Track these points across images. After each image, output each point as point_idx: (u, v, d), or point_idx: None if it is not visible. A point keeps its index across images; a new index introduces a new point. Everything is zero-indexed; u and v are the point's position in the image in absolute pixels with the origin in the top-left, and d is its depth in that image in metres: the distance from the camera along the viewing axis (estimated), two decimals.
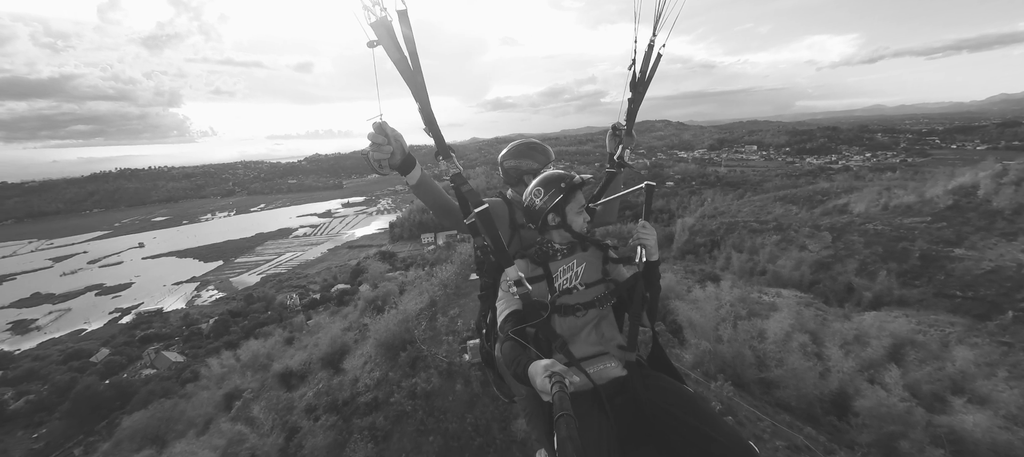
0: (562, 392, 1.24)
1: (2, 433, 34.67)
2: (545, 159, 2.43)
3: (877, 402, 8.81)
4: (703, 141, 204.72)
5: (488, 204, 2.04)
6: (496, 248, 1.96)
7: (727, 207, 57.62)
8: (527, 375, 1.47)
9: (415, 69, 1.69)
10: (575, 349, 1.86)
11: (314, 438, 6.30)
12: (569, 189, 1.98)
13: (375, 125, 1.69)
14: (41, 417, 35.48)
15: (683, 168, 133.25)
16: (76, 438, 29.99)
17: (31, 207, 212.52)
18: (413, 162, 1.84)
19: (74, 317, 69.06)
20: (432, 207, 2.09)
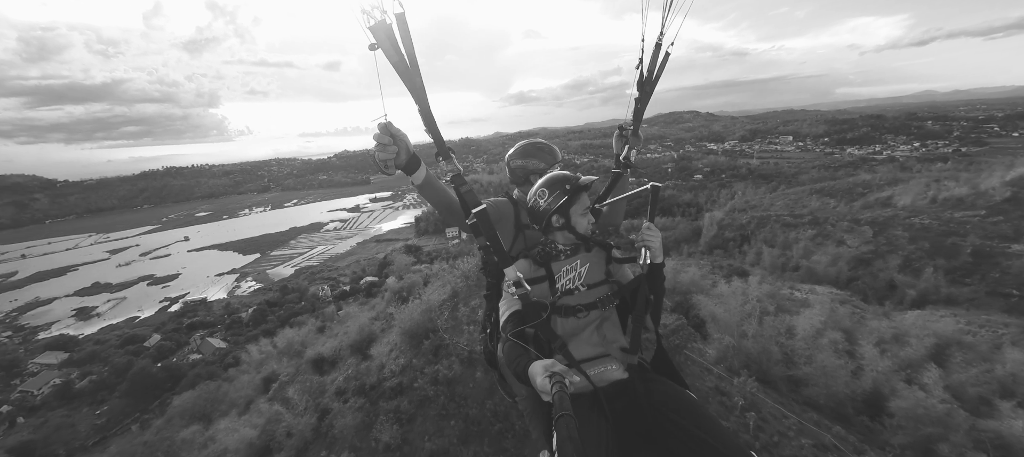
0: (562, 392, 1.23)
1: (70, 409, 38.16)
2: (552, 159, 2.42)
3: (914, 403, 8.44)
4: (734, 132, 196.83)
5: (486, 204, 2.04)
6: (495, 248, 1.95)
7: (759, 200, 55.43)
8: (527, 375, 1.46)
9: (413, 70, 1.72)
10: (576, 350, 1.85)
11: (343, 418, 6.70)
12: (574, 191, 1.97)
13: (380, 125, 1.72)
14: (103, 395, 38.83)
15: (712, 161, 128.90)
16: (133, 415, 32.58)
17: (89, 203, 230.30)
18: (418, 162, 1.85)
19: (129, 305, 74.70)
20: (437, 206, 2.11)
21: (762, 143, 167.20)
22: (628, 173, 2.41)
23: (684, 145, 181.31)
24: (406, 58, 1.70)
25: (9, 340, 60.93)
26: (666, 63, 2.16)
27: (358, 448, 6.72)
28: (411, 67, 1.71)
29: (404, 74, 1.71)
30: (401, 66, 1.70)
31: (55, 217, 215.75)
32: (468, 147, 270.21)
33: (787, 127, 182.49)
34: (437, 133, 1.88)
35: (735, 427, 7.60)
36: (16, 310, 77.55)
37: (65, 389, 41.15)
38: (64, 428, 33.90)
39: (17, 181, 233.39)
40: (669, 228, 58.77)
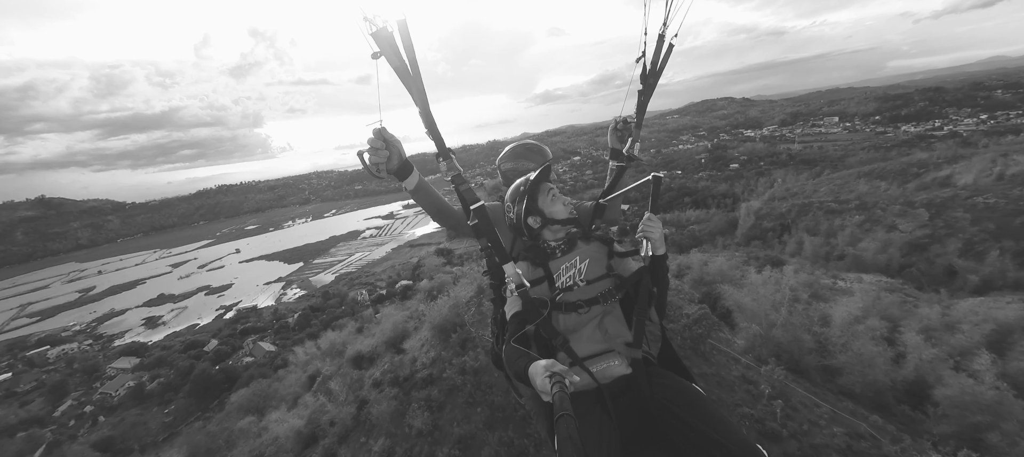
0: (562, 392, 1.22)
1: (142, 409, 42.10)
2: (542, 159, 2.38)
3: (961, 390, 8.03)
4: (773, 117, 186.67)
5: (484, 202, 2.05)
6: (495, 246, 1.96)
7: (800, 187, 52.54)
8: (527, 376, 1.45)
9: (415, 75, 1.76)
10: (578, 347, 1.81)
11: (379, 406, 7.25)
12: (531, 187, 2.01)
13: (374, 131, 1.75)
14: (169, 396, 42.56)
15: (749, 148, 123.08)
16: (196, 413, 35.49)
17: (154, 222, 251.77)
18: (410, 168, 1.86)
19: (190, 313, 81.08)
20: (430, 210, 2.11)
21: (804, 126, 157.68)
22: (631, 167, 2.36)
23: (718, 134, 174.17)
24: (408, 64, 1.74)
25: (90, 347, 67.87)
26: (669, 55, 2.13)
27: (393, 434, 7.27)
28: (412, 72, 1.75)
29: (406, 79, 1.75)
30: (403, 71, 1.74)
31: (125, 236, 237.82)
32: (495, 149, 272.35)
33: (832, 107, 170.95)
34: (437, 135, 1.92)
35: (762, 415, 7.54)
36: (95, 320, 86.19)
37: (138, 391, 45.46)
38: (138, 426, 37.59)
39: (93, 206, 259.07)
40: (703, 221, 56.78)
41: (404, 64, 1.73)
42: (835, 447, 7.12)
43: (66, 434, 40.30)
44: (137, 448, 32.63)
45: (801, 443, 7.18)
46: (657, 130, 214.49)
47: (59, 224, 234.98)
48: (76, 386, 51.07)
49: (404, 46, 1.71)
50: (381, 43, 1.66)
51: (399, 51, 1.71)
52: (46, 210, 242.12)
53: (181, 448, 10.75)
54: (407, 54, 1.72)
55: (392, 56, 1.70)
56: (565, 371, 1.31)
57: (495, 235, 1.95)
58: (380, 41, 1.66)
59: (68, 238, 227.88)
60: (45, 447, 37.90)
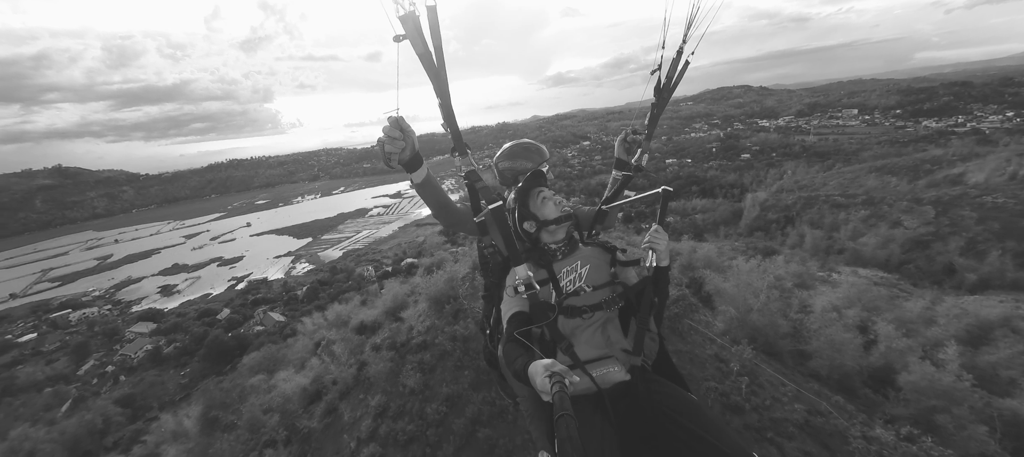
0: (562, 392, 1.22)
1: (160, 370, 44.27)
2: (539, 158, 2.38)
3: (921, 376, 8.53)
4: (790, 107, 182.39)
5: (502, 201, 2.02)
6: (507, 245, 1.93)
7: (810, 180, 52.08)
8: (527, 375, 1.44)
9: (439, 65, 1.69)
10: (579, 351, 1.83)
11: (377, 366, 7.97)
12: (520, 193, 2.08)
13: (391, 120, 1.70)
14: (185, 360, 44.69)
15: (763, 138, 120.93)
16: (210, 376, 37.31)
17: (167, 194, 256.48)
18: (421, 161, 1.84)
19: (203, 283, 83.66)
20: (433, 205, 2.07)
21: (822, 118, 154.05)
22: (636, 177, 2.37)
23: (732, 122, 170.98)
24: (433, 52, 1.67)
25: (110, 312, 70.74)
26: (685, 72, 2.14)
27: (388, 391, 8.01)
28: (437, 61, 1.69)
29: (429, 68, 1.69)
30: (427, 59, 1.67)
31: (140, 206, 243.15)
32: (505, 131, 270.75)
33: (852, 99, 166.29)
34: (456, 128, 1.87)
35: (727, 390, 8.14)
36: (113, 287, 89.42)
37: (155, 354, 47.71)
38: (156, 385, 39.71)
39: (109, 175, 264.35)
40: (709, 210, 56.70)
41: (429, 52, 1.67)
42: (793, 421, 7.71)
43: (90, 390, 42.76)
44: (156, 405, 34.68)
45: (762, 416, 7.78)
46: (669, 117, 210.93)
47: (76, 193, 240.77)
48: (97, 347, 53.66)
49: (432, 33, 1.65)
50: (408, 27, 1.60)
51: (425, 38, 1.65)
52: (63, 179, 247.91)
53: (198, 401, 11.71)
54: (433, 42, 1.66)
55: (417, 42, 1.64)
56: (565, 371, 1.31)
57: (511, 235, 1.93)
58: (407, 24, 1.59)
59: (85, 207, 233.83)
60: (71, 402, 40.33)
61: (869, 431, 6.73)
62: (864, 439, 6.43)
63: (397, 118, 1.70)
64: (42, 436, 31.45)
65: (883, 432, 6.54)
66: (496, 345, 2.12)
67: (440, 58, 1.69)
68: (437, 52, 1.68)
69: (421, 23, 1.61)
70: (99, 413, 33.91)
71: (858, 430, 6.77)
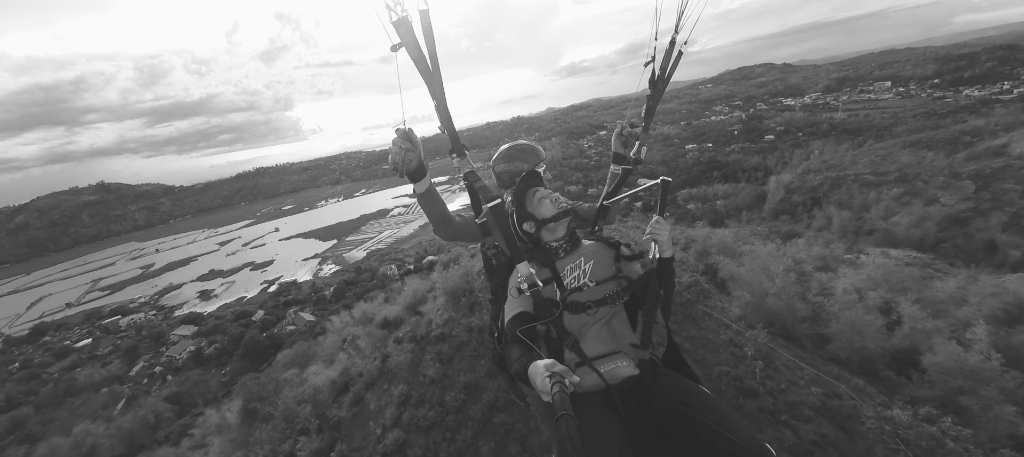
0: (562, 392, 1.22)
1: (203, 369, 46.96)
2: (535, 159, 2.36)
3: (946, 356, 8.34)
4: (817, 83, 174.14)
5: (500, 199, 2.02)
6: (508, 244, 1.94)
7: (838, 159, 49.97)
8: (527, 376, 1.44)
9: (434, 68, 1.72)
10: (586, 347, 1.82)
11: (399, 358, 8.43)
12: (515, 195, 2.09)
13: (401, 132, 1.75)
14: (225, 359, 47.27)
15: (787, 118, 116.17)
16: (248, 372, 39.38)
17: (200, 204, 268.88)
18: (425, 171, 1.87)
19: (238, 287, 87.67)
20: (432, 216, 2.07)
21: (851, 92, 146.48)
22: (636, 171, 2.36)
23: (755, 103, 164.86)
24: (427, 57, 1.70)
25: (155, 317, 75.21)
26: (679, 61, 2.12)
27: (410, 381, 8.46)
28: (432, 65, 1.71)
29: (424, 72, 1.71)
30: (422, 64, 1.70)
31: (176, 217, 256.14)
32: (520, 125, 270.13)
33: (884, 71, 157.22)
34: (453, 130, 1.89)
35: (741, 374, 8.19)
36: (157, 294, 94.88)
37: (198, 355, 50.61)
38: (200, 383, 42.23)
39: (146, 189, 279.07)
40: (730, 195, 55.24)
41: (424, 56, 1.70)
42: (810, 404, 7.70)
43: (141, 390, 45.89)
44: (201, 402, 36.97)
45: (777, 399, 7.80)
46: (688, 101, 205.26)
47: (119, 207, 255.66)
48: (146, 350, 57.32)
49: (425, 38, 1.68)
50: (401, 32, 1.64)
51: (420, 43, 1.68)
52: (106, 194, 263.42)
53: (238, 395, 12.58)
54: (427, 46, 1.69)
55: (412, 47, 1.67)
56: (565, 371, 1.30)
57: (510, 232, 1.94)
58: (400, 30, 1.63)
59: (127, 220, 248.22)
60: (125, 400, 43.41)
61: (885, 412, 6.68)
62: (878, 419, 6.39)
63: (407, 131, 1.76)
64: (102, 432, 34.15)
65: (900, 413, 6.47)
66: (503, 347, 2.08)
67: (434, 62, 1.71)
68: (431, 56, 1.70)
69: (415, 28, 1.65)
70: (150, 410, 36.50)
71: (872, 411, 6.73)
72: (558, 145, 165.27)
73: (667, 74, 2.14)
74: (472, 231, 2.17)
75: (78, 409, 43.60)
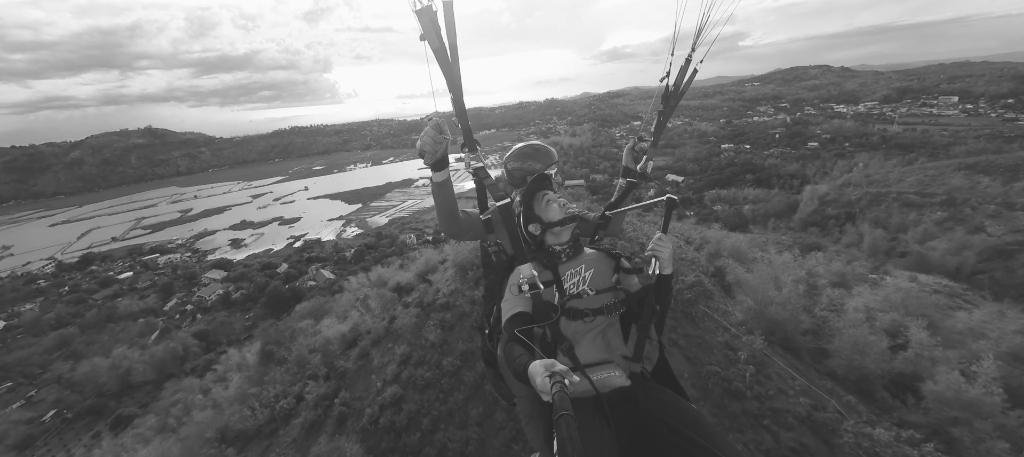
0: (562, 392, 1.21)
1: (229, 312, 50.07)
2: (548, 161, 2.36)
3: (946, 386, 8.22)
4: (875, 91, 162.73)
5: (509, 199, 2.03)
6: (513, 244, 1.96)
7: (884, 175, 47.21)
8: (527, 374, 1.44)
9: (453, 60, 1.74)
10: (580, 354, 1.83)
11: (404, 320, 8.97)
12: (525, 196, 2.12)
13: (435, 123, 1.77)
14: (249, 305, 50.28)
15: (836, 126, 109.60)
16: (269, 320, 41.85)
17: (238, 156, 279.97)
18: (447, 162, 1.92)
19: (265, 240, 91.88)
20: (442, 207, 2.06)
21: (912, 105, 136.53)
22: (642, 185, 2.38)
23: (803, 106, 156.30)
24: (448, 48, 1.72)
25: (189, 259, 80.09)
26: (693, 79, 2.16)
27: (412, 343, 9.01)
28: (451, 57, 1.73)
29: (444, 63, 1.74)
30: (442, 54, 1.72)
31: (215, 167, 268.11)
32: (552, 108, 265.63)
33: (953, 85, 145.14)
34: (467, 124, 1.93)
35: (730, 376, 8.32)
36: (193, 237, 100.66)
37: (225, 298, 53.90)
38: (225, 325, 45.15)
39: (189, 137, 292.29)
40: (760, 200, 53.31)
41: (444, 47, 1.71)
42: (795, 413, 7.81)
43: (173, 324, 49.52)
44: (225, 341, 39.73)
45: (762, 404, 7.93)
46: (731, 98, 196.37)
47: (163, 152, 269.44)
48: (179, 289, 61.42)
49: (446, 28, 1.69)
50: (424, 22, 1.65)
51: (441, 33, 1.68)
52: (153, 139, 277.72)
53: (258, 338, 13.61)
54: (448, 38, 1.71)
55: (433, 37, 1.68)
56: (565, 371, 1.30)
57: (516, 232, 1.96)
58: (423, 19, 1.65)
59: (170, 165, 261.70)
60: (159, 332, 47.02)
61: (864, 429, 6.72)
62: (856, 435, 6.45)
63: (439, 121, 1.78)
64: (136, 357, 37.36)
65: (882, 432, 6.51)
66: (495, 344, 2.12)
67: (454, 54, 1.74)
68: (451, 49, 1.72)
69: (437, 18, 1.66)
70: (180, 343, 39.55)
71: (852, 426, 6.79)
72: (589, 131, 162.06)
73: (680, 90, 2.18)
74: (476, 227, 2.19)
75: (117, 334, 47.61)
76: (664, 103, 2.23)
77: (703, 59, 2.10)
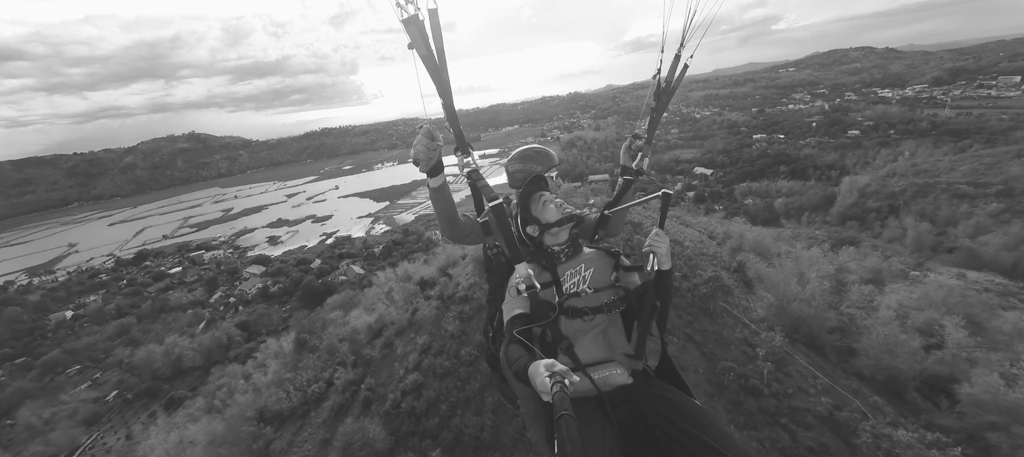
0: (562, 392, 1.21)
1: (268, 305, 52.91)
2: (549, 163, 2.38)
3: (984, 389, 7.86)
4: (924, 73, 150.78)
5: (502, 199, 2.07)
6: (507, 244, 1.97)
7: (933, 164, 44.05)
8: (527, 375, 1.43)
9: (441, 66, 1.79)
10: (581, 353, 1.83)
11: (425, 311, 9.39)
12: (522, 198, 2.14)
13: (426, 131, 1.83)
14: (285, 298, 52.92)
15: (879, 112, 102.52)
16: (303, 311, 43.99)
17: (273, 158, 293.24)
18: (441, 168, 1.96)
19: (300, 237, 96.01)
20: (441, 212, 2.09)
21: (967, 87, 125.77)
22: (638, 182, 2.38)
23: (843, 92, 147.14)
24: (435, 54, 1.77)
25: (231, 255, 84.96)
26: (684, 74, 2.17)
27: (433, 333, 9.42)
28: (439, 62, 1.78)
29: (432, 69, 1.78)
30: (430, 61, 1.76)
31: (252, 168, 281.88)
32: (576, 102, 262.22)
33: (1015, 63, 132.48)
34: (458, 128, 1.97)
35: (747, 373, 8.25)
36: (234, 235, 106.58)
37: (264, 291, 56.93)
38: (264, 316, 47.81)
39: (229, 141, 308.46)
40: (795, 193, 50.81)
41: (431, 54, 1.76)
42: (815, 412, 7.68)
43: (218, 315, 52.89)
44: (264, 331, 42.16)
45: (780, 402, 7.84)
46: (764, 85, 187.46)
47: (206, 155, 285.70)
48: (223, 282, 65.33)
49: (433, 35, 1.74)
50: (411, 31, 1.70)
51: (428, 40, 1.74)
52: (196, 143, 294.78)
53: (293, 329, 14.49)
54: (435, 44, 1.76)
55: (420, 44, 1.72)
56: (565, 371, 1.29)
57: (511, 233, 1.97)
58: (409, 28, 1.69)
59: (212, 167, 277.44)
60: (205, 322, 50.35)
61: (884, 429, 6.53)
62: (875, 435, 6.29)
63: (430, 129, 1.84)
64: (186, 344, 40.29)
65: (904, 433, 6.31)
66: (498, 347, 2.10)
67: (441, 59, 1.79)
68: (439, 54, 1.78)
69: (424, 27, 1.71)
70: (224, 332, 42.30)
71: (870, 426, 6.62)
72: (614, 125, 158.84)
73: (672, 86, 2.18)
74: (475, 231, 2.21)
75: (169, 324, 51.34)
76: (657, 99, 2.23)
77: (693, 54, 2.10)
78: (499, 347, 2.03)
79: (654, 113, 2.27)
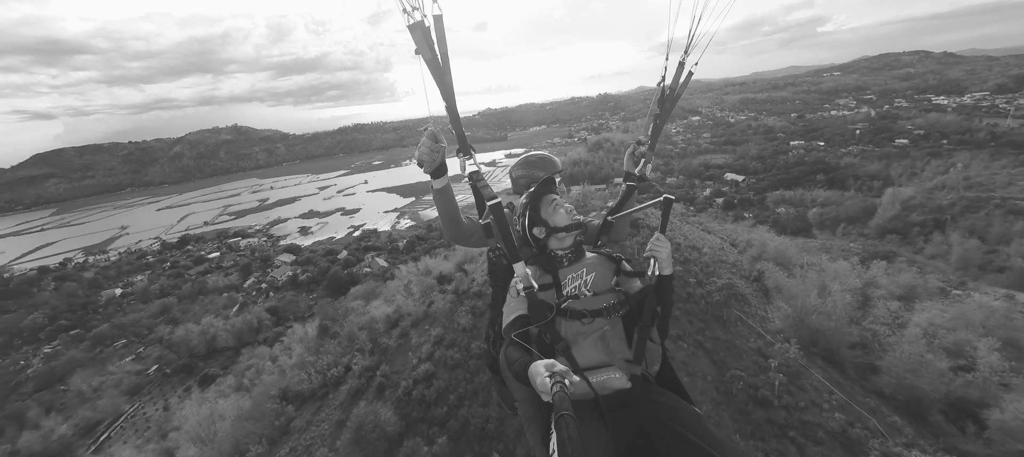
0: (562, 392, 1.20)
1: (296, 292, 55.34)
2: (552, 169, 2.40)
3: (1016, 415, 7.48)
4: (986, 79, 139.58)
5: (501, 200, 2.09)
6: (506, 245, 1.99)
7: (988, 177, 40.96)
8: (527, 375, 1.43)
9: (445, 70, 1.82)
10: (579, 356, 1.83)
11: (440, 304, 9.74)
12: (533, 199, 2.15)
13: (430, 133, 1.89)
14: (313, 286, 55.18)
15: (932, 120, 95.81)
16: (328, 299, 45.74)
17: (308, 151, 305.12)
18: (445, 170, 2.01)
19: (329, 228, 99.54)
20: (444, 214, 2.13)
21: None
22: (640, 187, 2.39)
23: (893, 98, 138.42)
24: (439, 58, 1.81)
25: (265, 243, 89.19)
26: (688, 82, 2.18)
27: (446, 326, 9.76)
28: (443, 66, 1.82)
29: (436, 73, 1.82)
30: (434, 65, 1.80)
31: (289, 161, 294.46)
32: (605, 103, 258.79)
33: None
34: (461, 131, 2.02)
35: (758, 383, 8.13)
36: (269, 224, 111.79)
37: (294, 279, 59.57)
38: (293, 303, 50.09)
39: (268, 134, 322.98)
40: (831, 203, 48.38)
41: (436, 58, 1.80)
42: (826, 428, 7.50)
43: (250, 299, 55.76)
44: (292, 317, 44.18)
45: (790, 415, 7.70)
46: (806, 90, 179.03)
47: (246, 147, 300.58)
48: (256, 269, 68.73)
49: (438, 41, 1.79)
50: (415, 35, 1.75)
51: (433, 45, 1.78)
52: (238, 135, 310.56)
53: (318, 315, 15.25)
54: (439, 49, 1.80)
55: (424, 48, 1.76)
56: (565, 372, 1.29)
57: (509, 234, 1.99)
58: (414, 33, 1.74)
59: (251, 158, 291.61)
60: (239, 306, 53.18)
61: (894, 448, 6.31)
62: (882, 454, 6.09)
63: (436, 131, 1.90)
64: (221, 326, 42.78)
65: (919, 455, 6.07)
66: (498, 351, 2.11)
67: (446, 64, 1.83)
68: (443, 58, 1.82)
69: (429, 32, 1.76)
70: (256, 316, 44.59)
71: (879, 444, 6.43)
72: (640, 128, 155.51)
73: (676, 94, 2.20)
74: (478, 233, 2.25)
75: (206, 305, 54.54)
76: (660, 106, 2.24)
77: (698, 62, 2.13)
78: (499, 351, 2.05)
79: (657, 120, 2.29)
